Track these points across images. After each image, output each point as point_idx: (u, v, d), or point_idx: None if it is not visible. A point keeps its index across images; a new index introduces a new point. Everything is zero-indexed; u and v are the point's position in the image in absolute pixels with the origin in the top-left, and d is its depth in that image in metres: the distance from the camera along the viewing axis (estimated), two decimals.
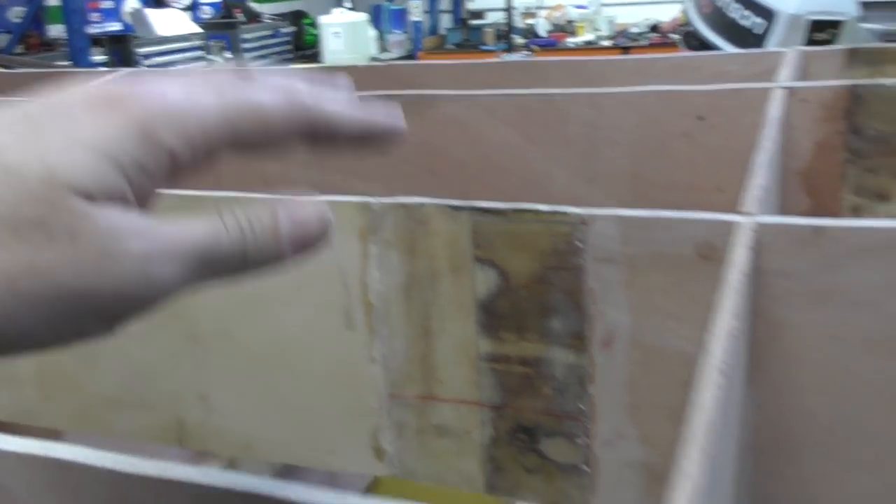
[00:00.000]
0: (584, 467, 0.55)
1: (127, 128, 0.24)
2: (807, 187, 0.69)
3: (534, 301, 0.54)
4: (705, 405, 0.33)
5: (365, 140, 0.32)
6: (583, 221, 0.51)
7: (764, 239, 0.46)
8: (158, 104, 0.25)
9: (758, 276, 0.47)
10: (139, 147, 0.25)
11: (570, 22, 6.57)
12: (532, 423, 0.56)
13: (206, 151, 0.27)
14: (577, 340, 0.53)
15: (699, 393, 0.34)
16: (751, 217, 0.47)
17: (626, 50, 5.92)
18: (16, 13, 4.39)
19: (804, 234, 0.46)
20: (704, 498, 0.30)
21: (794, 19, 1.93)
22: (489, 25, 7.04)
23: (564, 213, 0.51)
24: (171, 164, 0.26)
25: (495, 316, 0.55)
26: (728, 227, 0.46)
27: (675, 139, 0.71)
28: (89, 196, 0.24)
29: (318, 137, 0.30)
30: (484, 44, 6.73)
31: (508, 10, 6.47)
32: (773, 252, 0.46)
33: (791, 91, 0.67)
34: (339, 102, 0.30)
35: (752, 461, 0.51)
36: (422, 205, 0.55)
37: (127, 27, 4.80)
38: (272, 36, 6.21)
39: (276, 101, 0.28)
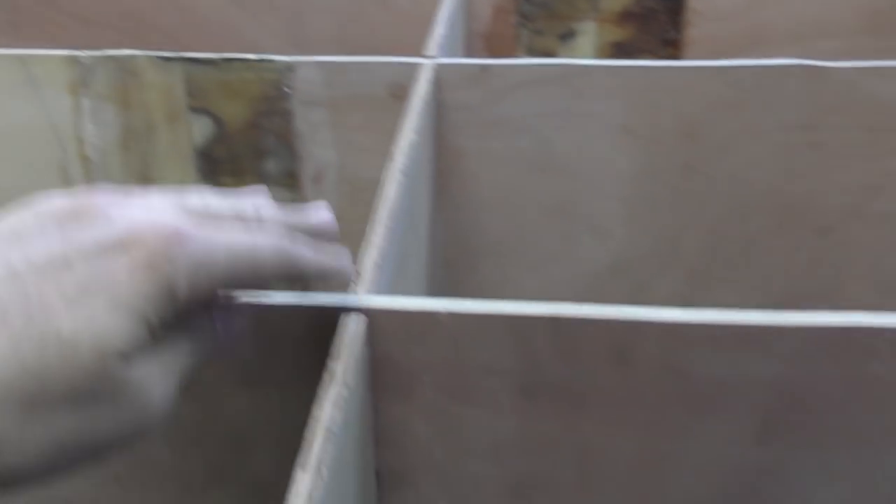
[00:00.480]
0: None
1: (160, 287, 0.26)
2: (488, 48, 0.78)
3: (248, 145, 0.58)
4: (389, 195, 0.40)
5: (319, 277, 0.32)
6: (289, 68, 0.56)
7: (442, 76, 0.54)
8: (184, 258, 0.26)
9: (439, 110, 0.55)
10: (167, 305, 0.26)
11: None
12: None
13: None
14: (291, 179, 0.59)
15: (385, 188, 0.41)
16: (432, 59, 0.54)
17: None
18: None
19: (473, 71, 0.54)
20: (386, 260, 0.38)
21: None
22: None
23: (272, 61, 0.56)
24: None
25: (213, 162, 0.59)
26: (413, 68, 0.54)
27: (373, 5, 0.77)
28: (127, 358, 0.25)
29: (286, 277, 0.31)
30: None
31: None
32: (450, 88, 0.54)
33: None
34: (309, 249, 0.31)
35: (444, 275, 0.60)
36: (132, 56, 0.57)
37: None
38: None
39: (269, 250, 0.29)
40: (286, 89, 0.56)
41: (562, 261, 0.60)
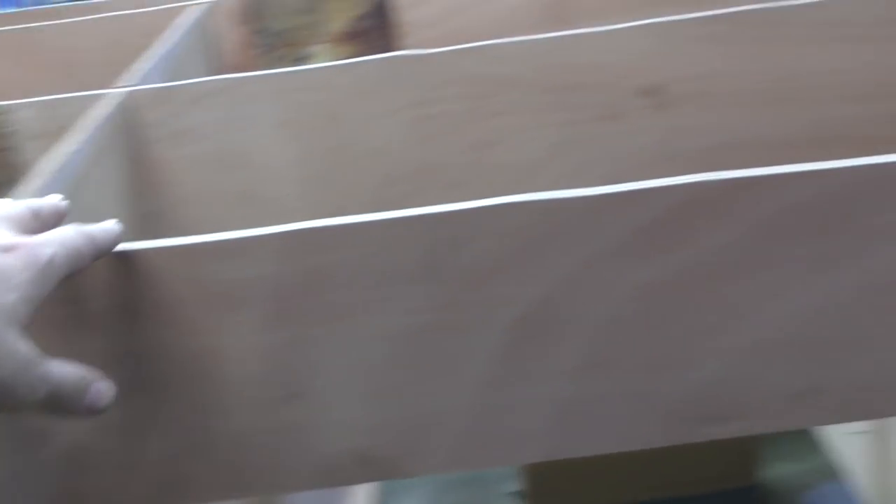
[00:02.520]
0: None
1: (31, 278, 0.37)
2: None
3: None
4: (25, 188, 0.53)
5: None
6: (8, 110, 0.68)
7: (135, 101, 0.67)
8: (41, 263, 0.38)
9: (135, 130, 0.67)
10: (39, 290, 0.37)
11: None
12: None
13: None
14: None
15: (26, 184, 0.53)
16: (124, 87, 0.67)
17: None
18: None
19: (157, 94, 0.67)
20: None
21: None
22: None
23: None
24: None
25: None
26: (107, 97, 0.66)
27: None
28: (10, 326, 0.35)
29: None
30: None
31: None
32: (141, 110, 0.67)
33: (211, 5, 0.89)
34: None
35: None
36: None
37: None
38: None
39: (61, 255, 0.40)
40: (10, 129, 0.69)
41: None
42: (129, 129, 0.67)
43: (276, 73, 0.67)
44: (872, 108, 0.68)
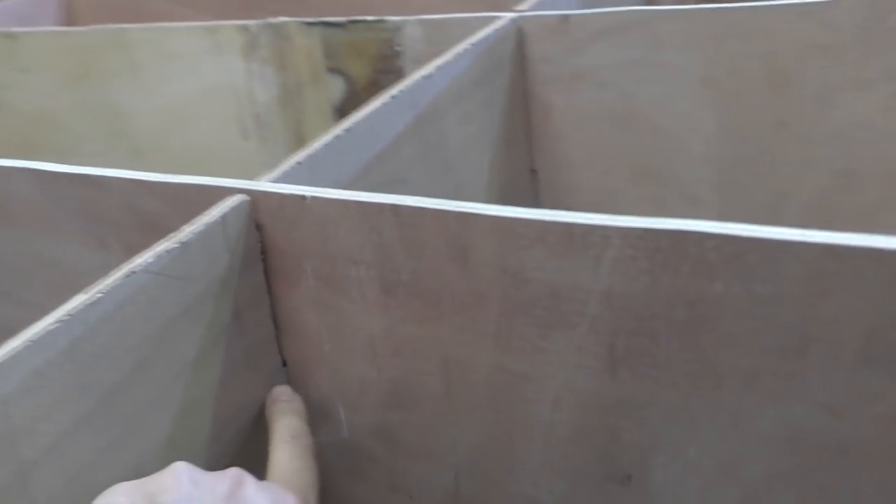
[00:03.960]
0: None
1: None
2: None
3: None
4: (355, 115, 0.42)
5: None
6: (398, 27, 0.59)
7: (525, 28, 0.54)
8: None
9: (525, 63, 0.55)
10: None
11: None
12: None
13: None
14: None
15: (362, 108, 0.43)
16: (518, 12, 0.55)
17: None
18: None
19: (554, 22, 0.53)
20: (314, 162, 0.40)
21: None
22: None
23: (384, 21, 0.60)
24: None
25: (346, 116, 0.65)
26: (495, 19, 0.54)
27: None
28: None
29: None
30: None
31: None
32: (533, 40, 0.54)
33: None
34: None
35: None
36: (285, 22, 0.65)
37: None
38: None
39: None
40: (398, 48, 0.60)
41: None
42: (515, 62, 0.54)
43: (702, 10, 0.49)
44: None
